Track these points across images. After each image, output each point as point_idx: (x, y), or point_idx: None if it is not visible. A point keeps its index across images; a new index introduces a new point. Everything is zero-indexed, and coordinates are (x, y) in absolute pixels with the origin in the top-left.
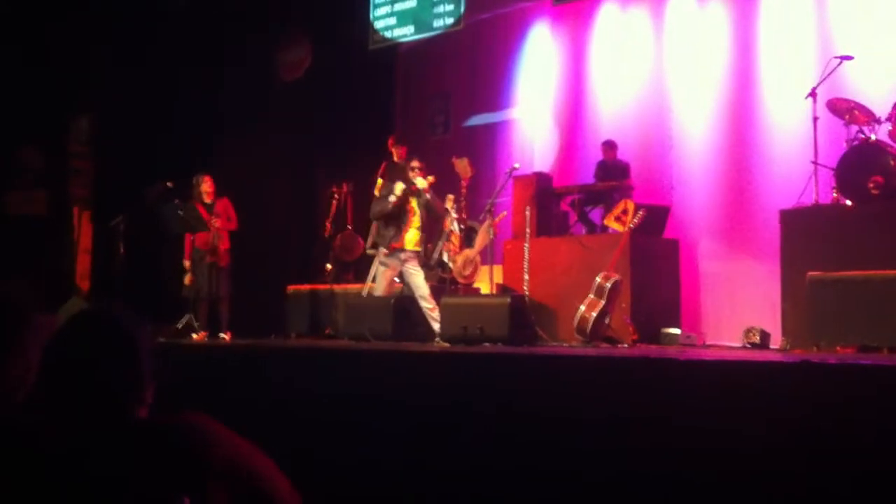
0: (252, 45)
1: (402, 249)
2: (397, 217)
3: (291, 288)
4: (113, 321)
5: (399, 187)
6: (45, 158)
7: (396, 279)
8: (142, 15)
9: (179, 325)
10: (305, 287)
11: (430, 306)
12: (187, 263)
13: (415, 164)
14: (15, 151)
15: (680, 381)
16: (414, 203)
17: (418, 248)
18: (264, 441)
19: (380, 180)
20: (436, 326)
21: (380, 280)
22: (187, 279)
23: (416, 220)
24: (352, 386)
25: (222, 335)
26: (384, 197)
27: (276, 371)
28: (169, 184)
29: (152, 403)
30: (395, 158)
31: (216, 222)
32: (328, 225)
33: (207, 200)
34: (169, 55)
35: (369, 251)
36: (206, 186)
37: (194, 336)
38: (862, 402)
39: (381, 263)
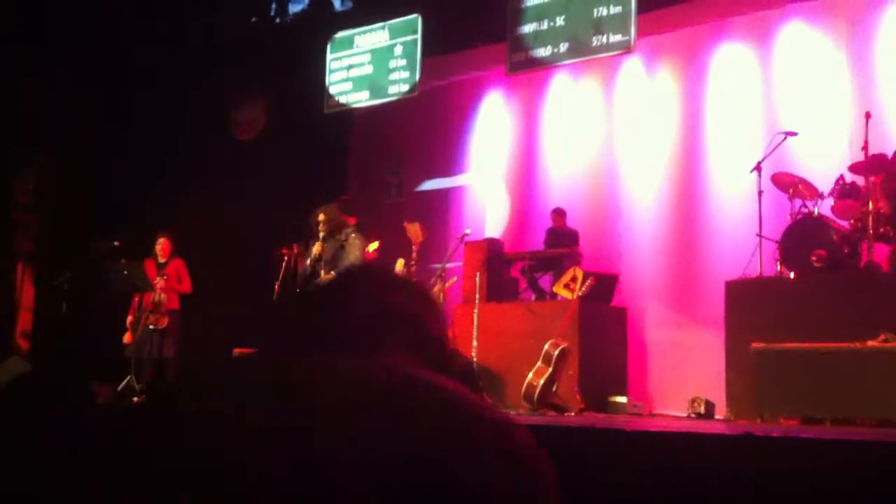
0: (206, 104)
1: None
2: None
3: (238, 351)
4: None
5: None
6: None
7: None
8: (96, 71)
9: (119, 388)
10: (252, 350)
11: None
12: (129, 320)
13: (320, 217)
14: None
15: (625, 452)
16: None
17: None
18: None
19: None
20: None
21: None
22: (126, 337)
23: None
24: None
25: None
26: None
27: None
28: (116, 242)
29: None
30: None
31: (160, 283)
32: (277, 287)
33: (161, 260)
34: (122, 111)
35: None
36: (159, 247)
37: (135, 399)
38: (803, 476)
39: None
